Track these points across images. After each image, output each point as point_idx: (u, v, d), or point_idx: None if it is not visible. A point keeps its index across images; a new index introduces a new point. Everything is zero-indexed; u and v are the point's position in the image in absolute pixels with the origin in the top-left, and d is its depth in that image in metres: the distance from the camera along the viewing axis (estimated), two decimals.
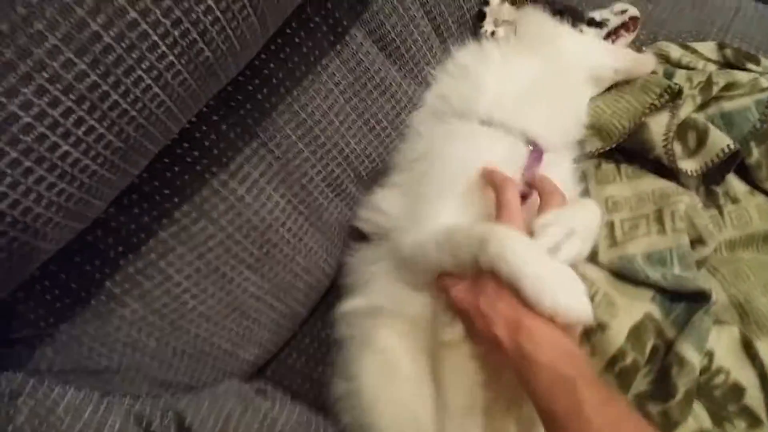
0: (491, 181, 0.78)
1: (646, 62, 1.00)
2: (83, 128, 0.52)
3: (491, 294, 0.66)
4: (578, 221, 0.73)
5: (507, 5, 1.02)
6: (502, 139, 0.87)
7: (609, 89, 1.00)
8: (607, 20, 1.02)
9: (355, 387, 0.79)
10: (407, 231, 0.82)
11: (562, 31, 0.99)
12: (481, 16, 1.03)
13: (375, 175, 0.96)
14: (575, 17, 1.00)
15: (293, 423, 0.84)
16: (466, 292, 0.70)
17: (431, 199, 0.83)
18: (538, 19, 0.99)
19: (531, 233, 0.70)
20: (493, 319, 0.65)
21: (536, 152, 0.87)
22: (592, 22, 1.02)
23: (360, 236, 0.95)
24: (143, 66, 0.54)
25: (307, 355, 1.00)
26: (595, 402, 0.55)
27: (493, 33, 1.00)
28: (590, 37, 1.01)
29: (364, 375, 0.79)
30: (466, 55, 0.99)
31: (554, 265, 0.66)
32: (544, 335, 0.61)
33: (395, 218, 0.87)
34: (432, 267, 0.76)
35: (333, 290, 1.00)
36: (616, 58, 0.99)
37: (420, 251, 0.78)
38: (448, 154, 0.87)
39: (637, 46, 1.09)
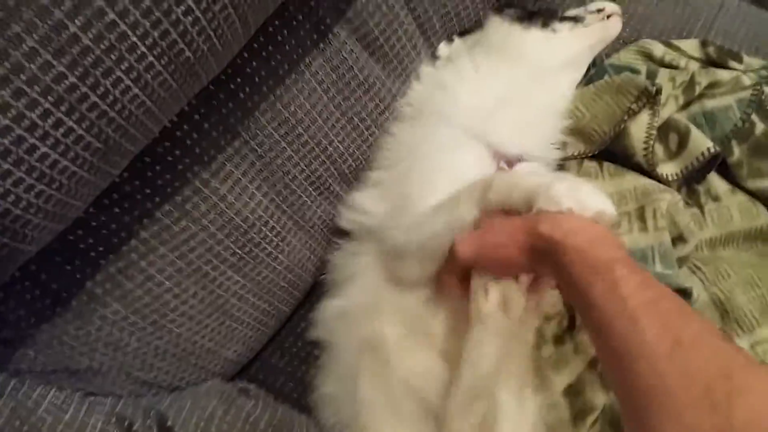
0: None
1: (613, 26, 1.03)
2: (62, 130, 0.52)
3: (498, 221, 0.65)
4: None
5: None
6: (475, 149, 0.87)
7: (587, 84, 1.01)
8: (583, 18, 1.02)
9: (349, 389, 0.79)
10: (395, 227, 0.81)
11: (527, 36, 0.98)
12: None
13: (359, 173, 0.96)
14: (547, 17, 1.00)
15: (276, 423, 0.84)
16: (471, 241, 0.68)
17: (415, 199, 0.82)
18: (502, 29, 1.00)
19: None
20: (510, 232, 0.63)
21: (507, 164, 0.87)
22: (565, 19, 1.01)
23: (343, 233, 0.94)
24: (122, 67, 0.53)
25: (290, 354, 1.00)
26: (632, 282, 0.53)
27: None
28: (561, 33, 0.99)
29: (360, 377, 0.78)
30: (438, 65, 1.00)
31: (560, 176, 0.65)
32: (571, 222, 0.59)
33: (378, 217, 0.87)
34: (429, 243, 0.74)
35: (317, 288, 0.99)
36: (587, 37, 1.00)
37: (415, 230, 0.77)
38: (427, 158, 0.87)
39: (620, 44, 1.09)
